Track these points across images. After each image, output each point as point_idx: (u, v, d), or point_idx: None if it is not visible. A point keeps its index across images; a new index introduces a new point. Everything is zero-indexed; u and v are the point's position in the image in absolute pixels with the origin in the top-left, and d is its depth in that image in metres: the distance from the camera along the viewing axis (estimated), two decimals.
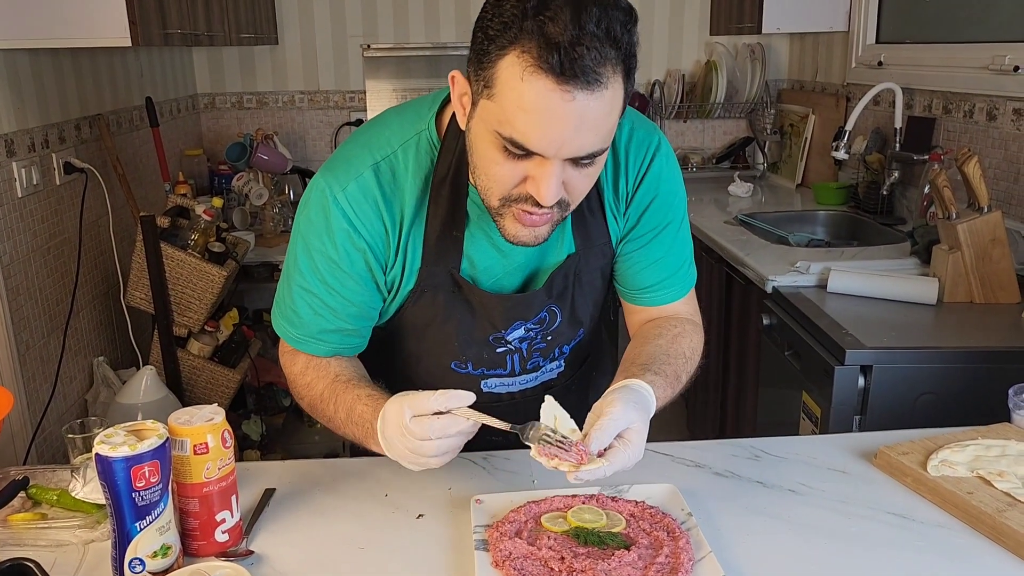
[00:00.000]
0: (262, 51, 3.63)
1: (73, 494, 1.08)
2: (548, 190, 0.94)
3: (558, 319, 1.21)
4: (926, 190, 2.43)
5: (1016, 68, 2.10)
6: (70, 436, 1.10)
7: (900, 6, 2.82)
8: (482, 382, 1.24)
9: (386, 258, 1.12)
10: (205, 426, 0.97)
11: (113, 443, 0.91)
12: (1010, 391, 1.23)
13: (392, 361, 1.27)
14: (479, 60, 0.93)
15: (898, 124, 2.60)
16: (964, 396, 1.65)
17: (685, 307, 1.27)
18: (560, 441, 0.96)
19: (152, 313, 2.49)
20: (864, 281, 1.97)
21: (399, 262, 1.12)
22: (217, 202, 2.72)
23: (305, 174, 3.50)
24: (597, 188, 1.15)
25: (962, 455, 1.13)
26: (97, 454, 0.90)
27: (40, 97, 2.27)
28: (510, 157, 0.94)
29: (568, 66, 0.86)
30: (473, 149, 1.00)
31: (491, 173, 0.97)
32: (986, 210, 1.88)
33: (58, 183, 2.33)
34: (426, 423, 0.96)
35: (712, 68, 3.57)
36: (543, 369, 1.26)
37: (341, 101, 3.72)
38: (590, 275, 1.21)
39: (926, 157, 2.46)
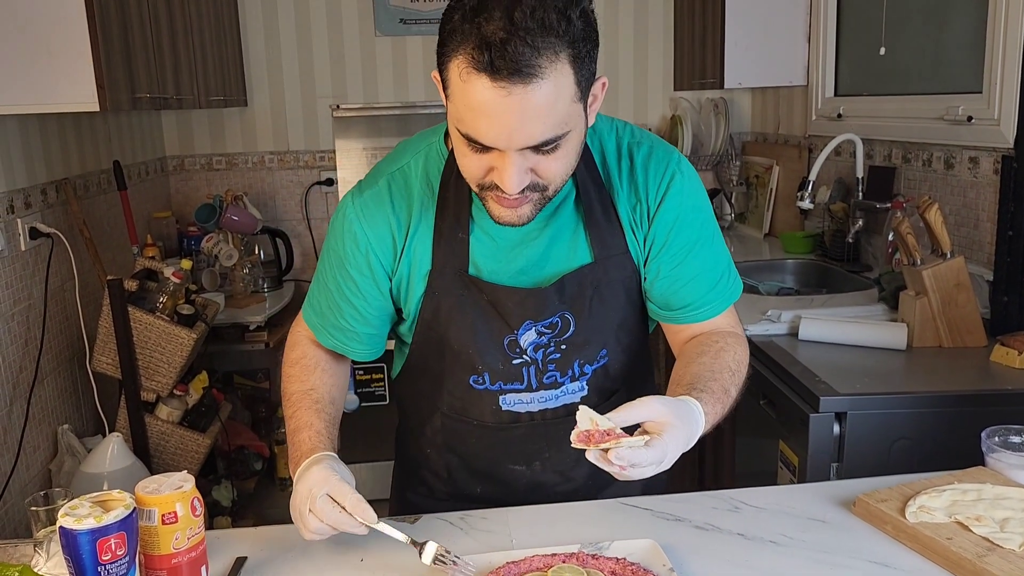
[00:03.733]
0: (231, 113, 3.65)
1: (36, 570, 1.05)
2: (510, 179, 1.01)
3: (571, 327, 1.21)
4: (890, 237, 2.47)
5: (969, 118, 2.16)
6: (33, 509, 1.07)
7: (856, 60, 2.91)
8: (500, 397, 1.24)
9: (391, 262, 1.21)
10: (174, 494, 0.95)
11: (78, 515, 0.88)
12: (983, 434, 1.23)
13: (420, 386, 1.32)
14: (439, 64, 1.01)
15: (860, 174, 2.66)
16: (938, 440, 1.66)
17: (726, 320, 1.27)
18: (456, 559, 1.04)
19: (119, 378, 2.44)
20: (834, 328, 1.99)
21: (404, 265, 1.20)
22: (186, 264, 2.70)
23: (275, 234, 3.49)
24: (611, 197, 1.19)
25: (939, 500, 1.13)
26: (61, 527, 0.88)
27: (5, 162, 2.25)
28: (474, 150, 1.02)
29: (500, 64, 0.92)
30: (452, 144, 1.09)
31: (463, 165, 1.07)
32: (949, 256, 1.91)
33: (23, 248, 2.30)
34: (329, 510, 1.03)
35: (677, 122, 3.65)
36: (563, 388, 1.25)
37: (311, 161, 3.73)
38: (611, 288, 1.21)
39: (888, 205, 2.51)
